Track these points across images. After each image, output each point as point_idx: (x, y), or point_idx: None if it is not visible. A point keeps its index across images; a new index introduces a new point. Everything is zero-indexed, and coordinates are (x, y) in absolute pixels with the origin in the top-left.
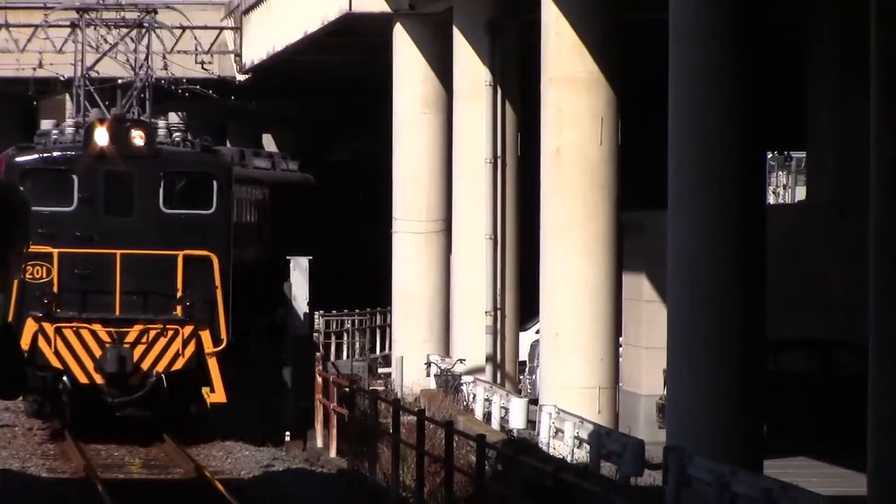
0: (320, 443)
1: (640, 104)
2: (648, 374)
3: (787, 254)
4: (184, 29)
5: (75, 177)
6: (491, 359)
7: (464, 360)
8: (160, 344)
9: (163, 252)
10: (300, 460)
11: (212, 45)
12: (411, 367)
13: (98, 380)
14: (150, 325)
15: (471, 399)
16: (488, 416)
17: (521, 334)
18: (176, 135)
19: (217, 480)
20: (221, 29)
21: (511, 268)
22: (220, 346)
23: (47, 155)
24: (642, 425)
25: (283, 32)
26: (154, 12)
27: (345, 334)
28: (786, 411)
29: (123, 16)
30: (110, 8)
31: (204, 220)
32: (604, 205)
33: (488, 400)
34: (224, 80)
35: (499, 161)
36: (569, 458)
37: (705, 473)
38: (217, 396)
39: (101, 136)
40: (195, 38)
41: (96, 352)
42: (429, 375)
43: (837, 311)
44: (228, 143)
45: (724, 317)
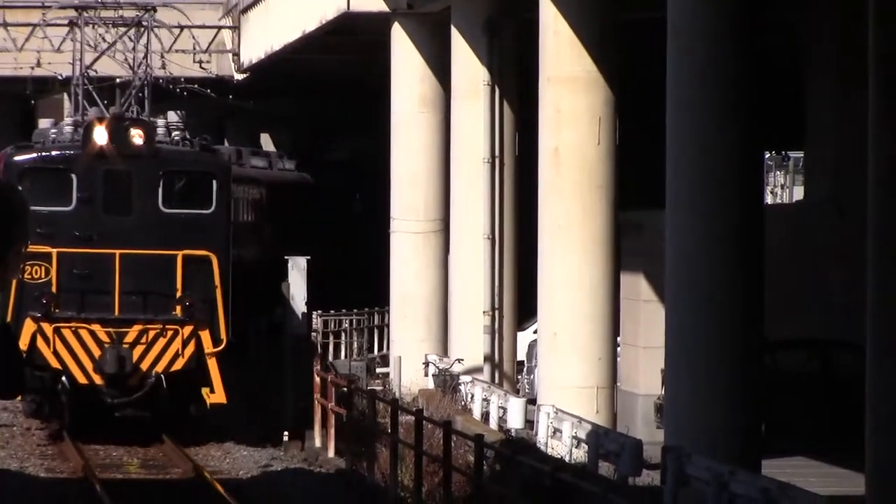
0: (318, 443)
1: (638, 104)
2: (646, 373)
3: (787, 254)
4: (182, 28)
5: (74, 176)
6: (489, 358)
7: (462, 359)
8: (159, 344)
9: (162, 252)
10: (298, 460)
11: (210, 45)
12: (409, 366)
13: (97, 380)
14: (149, 326)
15: (469, 399)
16: (486, 416)
17: (519, 334)
18: (175, 134)
19: (215, 480)
20: (220, 28)
21: (509, 267)
22: (220, 347)
23: (46, 154)
24: (640, 425)
25: (281, 32)
26: (153, 10)
27: (343, 334)
28: (785, 411)
29: (122, 14)
30: (108, 6)
31: (203, 220)
32: (602, 204)
33: (486, 400)
34: (222, 80)
35: (497, 161)
36: (567, 458)
37: (704, 473)
38: (217, 397)
39: (100, 136)
40: (193, 38)
41: (95, 352)
42: (427, 375)
43: (837, 310)
44: (226, 143)
45: (723, 317)
